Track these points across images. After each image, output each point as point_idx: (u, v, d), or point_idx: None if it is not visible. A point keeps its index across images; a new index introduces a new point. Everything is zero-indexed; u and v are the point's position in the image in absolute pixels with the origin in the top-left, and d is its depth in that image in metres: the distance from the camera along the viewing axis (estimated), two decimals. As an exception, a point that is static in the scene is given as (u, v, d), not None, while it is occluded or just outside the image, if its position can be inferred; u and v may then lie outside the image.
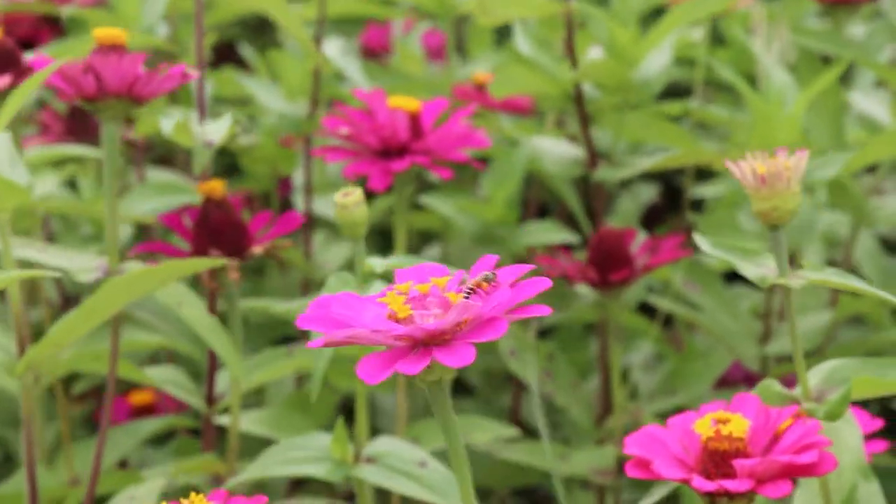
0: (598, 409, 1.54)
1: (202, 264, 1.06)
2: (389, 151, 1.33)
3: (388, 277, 1.09)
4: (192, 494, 0.89)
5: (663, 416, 1.54)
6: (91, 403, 1.65)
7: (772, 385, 1.00)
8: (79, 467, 1.39)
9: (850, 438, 1.00)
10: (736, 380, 1.63)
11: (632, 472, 0.95)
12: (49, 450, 1.50)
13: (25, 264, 1.14)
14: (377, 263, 1.11)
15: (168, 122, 1.12)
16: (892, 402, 1.66)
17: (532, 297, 0.74)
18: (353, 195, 1.07)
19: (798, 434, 0.94)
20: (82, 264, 1.12)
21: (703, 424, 0.94)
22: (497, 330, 0.73)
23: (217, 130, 1.12)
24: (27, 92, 1.01)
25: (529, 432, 1.61)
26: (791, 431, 0.95)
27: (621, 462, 1.48)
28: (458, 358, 0.73)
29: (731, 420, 0.94)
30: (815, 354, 1.56)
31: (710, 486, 0.92)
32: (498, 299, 0.74)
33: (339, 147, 1.34)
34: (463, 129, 1.35)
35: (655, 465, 0.93)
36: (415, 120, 1.33)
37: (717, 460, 0.94)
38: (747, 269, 0.99)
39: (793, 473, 0.93)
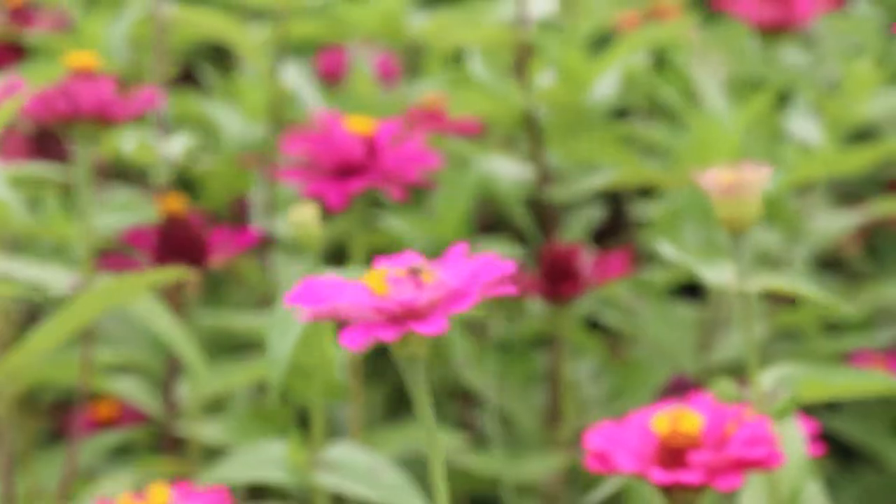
0: (547, 419, 1.59)
1: (168, 275, 1.11)
2: (346, 172, 1.36)
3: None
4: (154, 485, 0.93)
5: (609, 425, 1.59)
6: (48, 417, 1.66)
7: (726, 385, 1.05)
8: (33, 483, 1.41)
9: (793, 439, 1.05)
10: (680, 390, 1.67)
11: (592, 464, 0.99)
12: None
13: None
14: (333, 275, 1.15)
15: (128, 142, 1.17)
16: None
17: (497, 279, 0.80)
18: (306, 211, 1.12)
19: (750, 431, 0.98)
20: (52, 278, 1.17)
21: (660, 421, 0.99)
22: (466, 301, 0.78)
23: (175, 147, 1.17)
24: (8, 114, 1.05)
25: (479, 443, 1.65)
26: (743, 428, 0.98)
27: (569, 469, 1.52)
28: (432, 326, 0.78)
29: (686, 416, 0.98)
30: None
31: (667, 477, 0.96)
32: (468, 277, 0.80)
33: (296, 168, 1.38)
34: (417, 150, 1.39)
35: (614, 458, 0.98)
36: (370, 142, 1.36)
37: (674, 454, 0.97)
38: (708, 275, 1.04)
39: (744, 467, 0.96)
